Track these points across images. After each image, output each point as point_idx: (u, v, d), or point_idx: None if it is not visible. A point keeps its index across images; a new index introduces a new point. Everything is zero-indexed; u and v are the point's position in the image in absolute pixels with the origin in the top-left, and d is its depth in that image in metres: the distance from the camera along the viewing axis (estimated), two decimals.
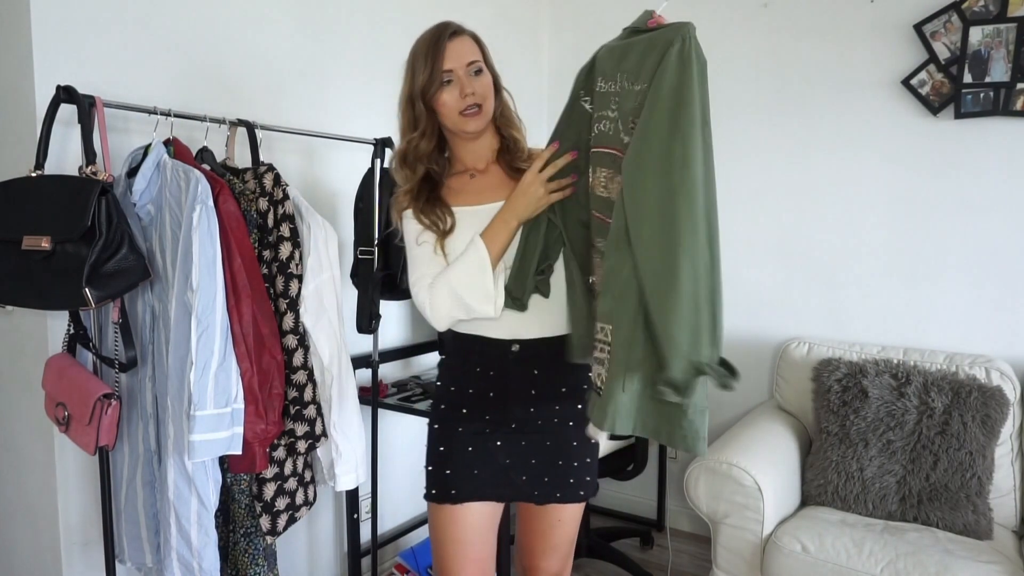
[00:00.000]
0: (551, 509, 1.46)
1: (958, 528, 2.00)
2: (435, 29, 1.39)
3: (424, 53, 1.36)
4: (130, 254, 1.41)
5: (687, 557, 2.74)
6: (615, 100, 1.16)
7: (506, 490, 1.44)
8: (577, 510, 1.50)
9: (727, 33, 2.76)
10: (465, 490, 1.42)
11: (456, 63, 1.35)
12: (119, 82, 1.68)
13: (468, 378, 1.44)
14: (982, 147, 2.32)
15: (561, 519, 1.47)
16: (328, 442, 1.71)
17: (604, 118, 1.19)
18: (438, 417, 1.48)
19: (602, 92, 1.20)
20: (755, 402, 2.76)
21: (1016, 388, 2.16)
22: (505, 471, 1.42)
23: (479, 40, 1.43)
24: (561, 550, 1.52)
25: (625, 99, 1.12)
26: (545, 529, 1.49)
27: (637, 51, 1.09)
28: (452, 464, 1.42)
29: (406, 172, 1.42)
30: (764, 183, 2.72)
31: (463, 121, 1.37)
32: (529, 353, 1.40)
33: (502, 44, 2.96)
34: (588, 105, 1.26)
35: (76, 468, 1.69)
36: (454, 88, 1.35)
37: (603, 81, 1.20)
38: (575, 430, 1.43)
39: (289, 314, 1.63)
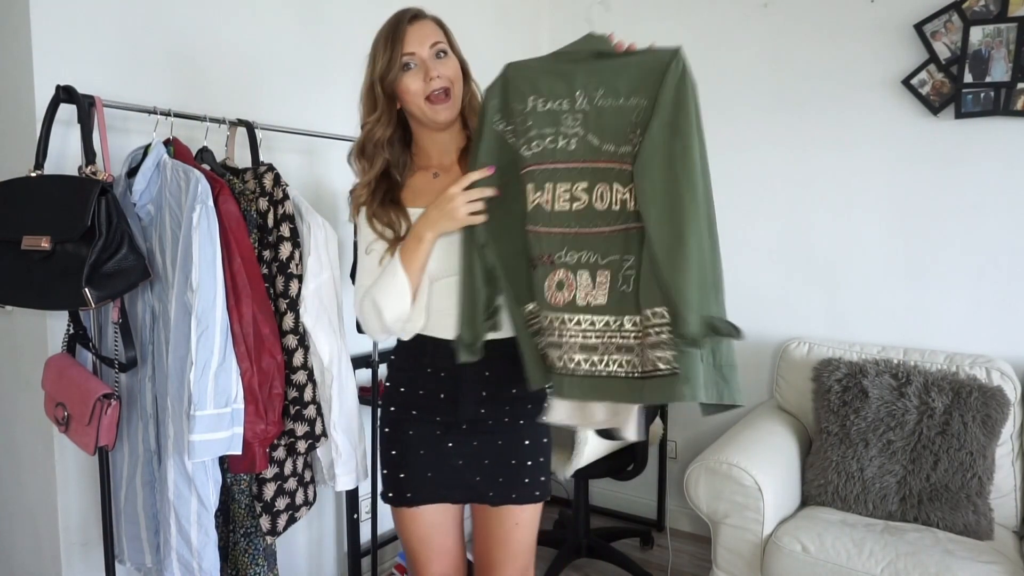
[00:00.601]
0: (507, 512, 1.42)
1: (958, 528, 2.00)
2: (396, 14, 1.34)
3: (385, 37, 1.32)
4: (130, 254, 1.41)
5: (687, 557, 2.74)
6: (576, 116, 1.21)
7: (461, 491, 1.43)
8: (534, 513, 1.46)
9: (727, 33, 2.76)
10: (421, 493, 1.42)
11: (418, 46, 1.30)
12: (119, 82, 1.68)
13: (418, 379, 1.42)
14: (982, 147, 2.32)
15: (518, 522, 1.43)
16: (328, 442, 1.71)
17: (560, 134, 1.22)
18: (388, 420, 1.46)
19: (544, 111, 1.23)
20: (755, 402, 2.76)
21: (1016, 388, 2.15)
22: (459, 472, 1.41)
23: (443, 24, 1.38)
24: (520, 560, 1.46)
25: (610, 114, 1.19)
26: (503, 535, 1.43)
27: (632, 70, 1.18)
28: (406, 468, 1.42)
29: (363, 164, 1.38)
30: (764, 183, 2.72)
31: (432, 109, 1.32)
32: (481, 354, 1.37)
33: (502, 44, 2.98)
34: (504, 126, 1.27)
35: (76, 468, 1.69)
36: (418, 72, 1.30)
37: (543, 100, 1.22)
38: (526, 429, 1.42)
39: (289, 314, 1.63)
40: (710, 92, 2.81)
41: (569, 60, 1.22)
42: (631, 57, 1.19)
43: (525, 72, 1.25)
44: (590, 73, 1.20)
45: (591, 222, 1.22)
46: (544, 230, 1.24)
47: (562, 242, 1.23)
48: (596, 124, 1.20)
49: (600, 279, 1.23)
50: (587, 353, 1.23)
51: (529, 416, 1.42)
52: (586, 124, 1.21)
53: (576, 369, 1.24)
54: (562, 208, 1.23)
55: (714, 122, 2.81)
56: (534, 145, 1.24)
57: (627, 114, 1.18)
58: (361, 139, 1.39)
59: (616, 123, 1.19)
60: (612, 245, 1.22)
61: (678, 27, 2.87)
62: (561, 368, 1.25)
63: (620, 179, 1.20)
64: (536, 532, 1.48)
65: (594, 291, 1.23)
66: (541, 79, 1.23)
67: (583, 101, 1.20)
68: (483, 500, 1.43)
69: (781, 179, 2.68)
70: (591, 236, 1.22)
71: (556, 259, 1.24)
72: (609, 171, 1.21)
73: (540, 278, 1.25)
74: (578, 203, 1.22)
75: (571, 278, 1.23)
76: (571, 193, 1.22)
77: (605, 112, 1.19)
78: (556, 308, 1.24)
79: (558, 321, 1.25)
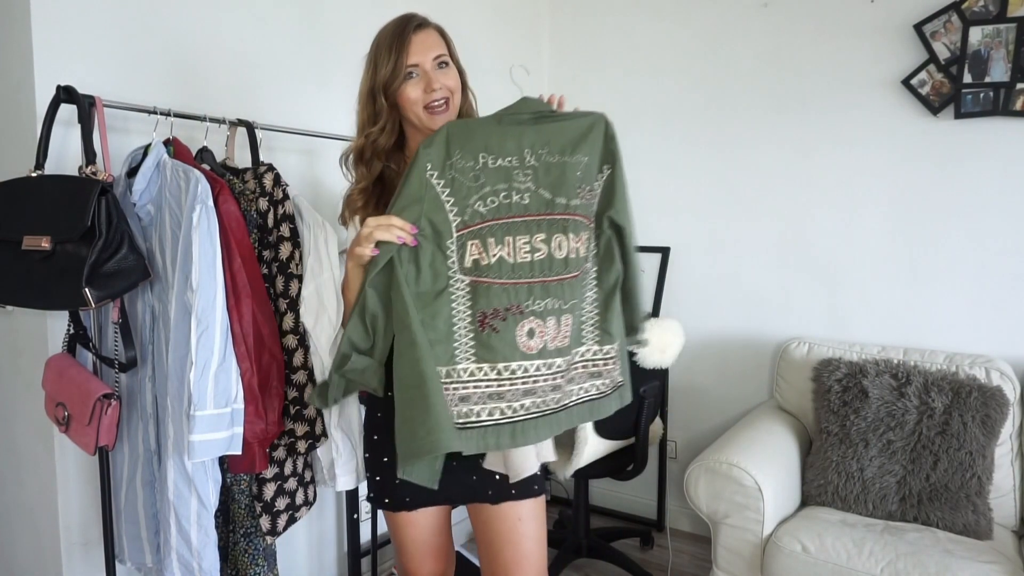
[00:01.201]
0: (508, 508, 1.40)
1: (958, 528, 2.00)
2: (399, 20, 1.35)
3: (388, 45, 1.32)
4: (130, 254, 1.41)
5: (687, 557, 2.74)
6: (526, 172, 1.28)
7: (459, 492, 1.42)
8: (537, 508, 1.44)
9: (727, 33, 2.76)
10: (419, 497, 1.41)
11: (422, 56, 1.32)
12: (119, 82, 1.68)
13: None
14: (982, 147, 2.32)
15: (521, 517, 1.41)
16: (328, 442, 1.71)
17: (513, 189, 1.28)
18: (376, 426, 1.45)
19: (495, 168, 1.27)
20: (755, 402, 2.76)
21: (1016, 388, 2.16)
22: (454, 473, 1.40)
23: (445, 33, 1.39)
24: (533, 561, 1.40)
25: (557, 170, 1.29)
26: (509, 531, 1.41)
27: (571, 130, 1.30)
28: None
29: (362, 170, 1.39)
30: (764, 182, 2.72)
31: (429, 118, 1.34)
32: None
33: (502, 44, 2.98)
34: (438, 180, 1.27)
35: (76, 468, 1.69)
36: (419, 82, 1.32)
37: (493, 157, 1.27)
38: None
39: (289, 314, 1.63)
40: (710, 92, 2.84)
41: (513, 121, 1.29)
42: (568, 120, 1.31)
43: (471, 131, 1.28)
44: (535, 132, 1.28)
45: (552, 270, 1.30)
46: (511, 282, 1.28)
47: (529, 291, 1.28)
48: (545, 179, 1.29)
49: (564, 323, 1.31)
50: (555, 392, 1.31)
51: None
52: (536, 179, 1.28)
53: (547, 409, 1.31)
54: (524, 259, 1.29)
55: (714, 122, 2.85)
56: (489, 201, 1.28)
57: (572, 169, 1.29)
58: (360, 145, 1.39)
59: (563, 178, 1.29)
60: (571, 290, 1.31)
61: (678, 27, 2.87)
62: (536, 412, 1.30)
63: (573, 229, 1.30)
64: (544, 533, 1.45)
65: (559, 335, 1.30)
66: (491, 138, 1.28)
67: (531, 158, 1.28)
68: (483, 499, 1.42)
69: (781, 179, 2.68)
70: (554, 284, 1.30)
71: (525, 308, 1.28)
72: (564, 222, 1.30)
73: (510, 328, 1.27)
74: (539, 253, 1.29)
75: (541, 325, 1.29)
76: (531, 244, 1.29)
77: (553, 168, 1.29)
78: (529, 356, 1.28)
79: (533, 368, 1.29)
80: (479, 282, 1.27)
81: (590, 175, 1.31)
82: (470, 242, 1.27)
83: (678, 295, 2.92)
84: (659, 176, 2.93)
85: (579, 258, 1.31)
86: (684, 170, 2.89)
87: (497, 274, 1.28)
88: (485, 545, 1.45)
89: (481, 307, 1.27)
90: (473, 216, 1.27)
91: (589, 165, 1.31)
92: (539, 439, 1.31)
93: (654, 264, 2.92)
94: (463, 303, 1.28)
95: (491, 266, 1.28)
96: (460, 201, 1.27)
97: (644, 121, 2.96)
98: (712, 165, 2.83)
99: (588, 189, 1.31)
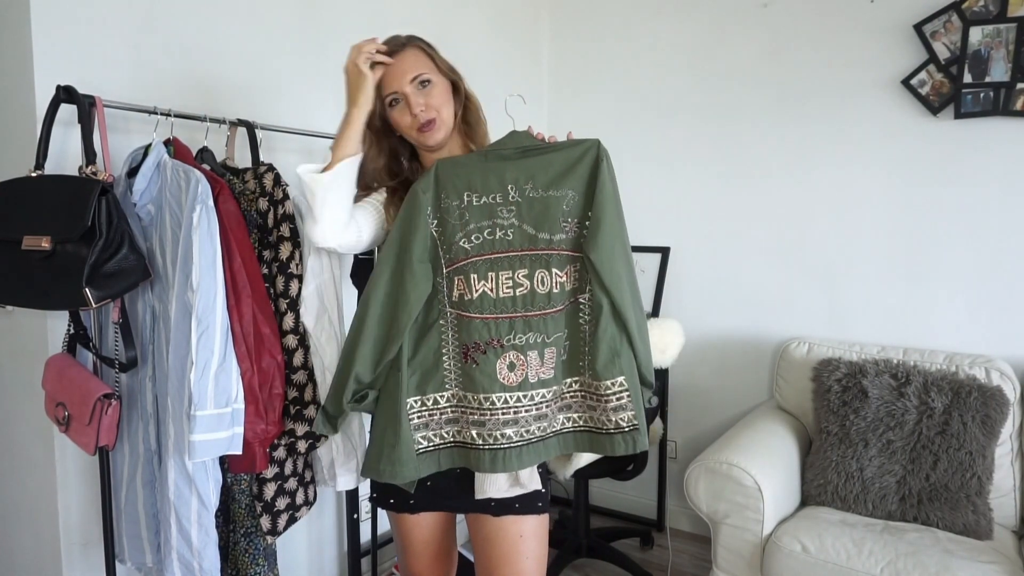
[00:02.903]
0: (510, 522, 1.39)
1: (958, 528, 2.00)
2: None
3: None
4: (130, 254, 1.41)
5: (687, 557, 2.74)
6: (510, 208, 1.30)
7: (461, 501, 1.42)
8: (539, 526, 1.42)
9: (727, 33, 2.76)
10: (423, 501, 1.42)
11: (399, 83, 1.35)
12: (119, 82, 1.68)
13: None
14: (982, 147, 2.32)
15: (523, 534, 1.39)
16: (328, 442, 1.71)
17: (497, 226, 1.31)
18: None
19: (479, 205, 1.31)
20: (755, 402, 2.76)
21: (1016, 388, 2.16)
22: (458, 482, 1.40)
23: (425, 47, 1.40)
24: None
25: (541, 205, 1.30)
26: (509, 549, 1.39)
27: (557, 164, 1.31)
28: None
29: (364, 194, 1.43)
30: (764, 182, 2.72)
31: (422, 136, 1.37)
32: None
33: (502, 44, 2.98)
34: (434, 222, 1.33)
35: (76, 468, 1.69)
36: (404, 108, 1.35)
37: (477, 195, 1.31)
38: None
39: (289, 314, 1.63)
40: (710, 91, 2.85)
41: (498, 158, 1.32)
42: (555, 152, 1.32)
43: (457, 170, 1.32)
44: (519, 168, 1.31)
45: (535, 305, 1.32)
46: (492, 316, 1.31)
47: (510, 326, 1.31)
48: (529, 214, 1.31)
49: (548, 355, 1.33)
50: (539, 421, 1.34)
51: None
52: (520, 215, 1.31)
53: (531, 437, 1.33)
54: (506, 294, 1.32)
55: (714, 121, 2.85)
56: (474, 238, 1.31)
57: (557, 204, 1.31)
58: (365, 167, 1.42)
59: (547, 213, 1.31)
60: (555, 324, 1.33)
61: (678, 27, 2.87)
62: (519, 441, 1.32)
63: (557, 264, 1.32)
64: (545, 553, 1.43)
65: (543, 368, 1.33)
66: (474, 176, 1.31)
67: (515, 194, 1.31)
68: (484, 510, 1.41)
69: (781, 179, 2.68)
70: (536, 318, 1.32)
71: (506, 342, 1.31)
72: (547, 257, 1.32)
73: (491, 362, 1.31)
74: (521, 288, 1.32)
75: (522, 358, 1.31)
76: (513, 280, 1.32)
77: (536, 203, 1.31)
78: (509, 388, 1.31)
79: (513, 399, 1.31)
80: (463, 316, 1.32)
81: (576, 208, 1.32)
82: (456, 277, 1.32)
83: (678, 295, 2.92)
84: (659, 176, 2.93)
85: (564, 292, 1.33)
86: (684, 170, 2.89)
87: (479, 309, 1.32)
88: (484, 560, 1.43)
89: (464, 340, 1.32)
90: (458, 252, 1.32)
91: (575, 199, 1.31)
92: (523, 466, 1.33)
93: (654, 264, 2.92)
94: (451, 334, 1.33)
95: (473, 301, 1.31)
96: (448, 239, 1.33)
97: (644, 121, 2.96)
98: (712, 165, 2.83)
99: (576, 222, 1.32)
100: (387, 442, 1.32)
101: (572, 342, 1.35)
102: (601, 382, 1.33)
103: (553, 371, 1.34)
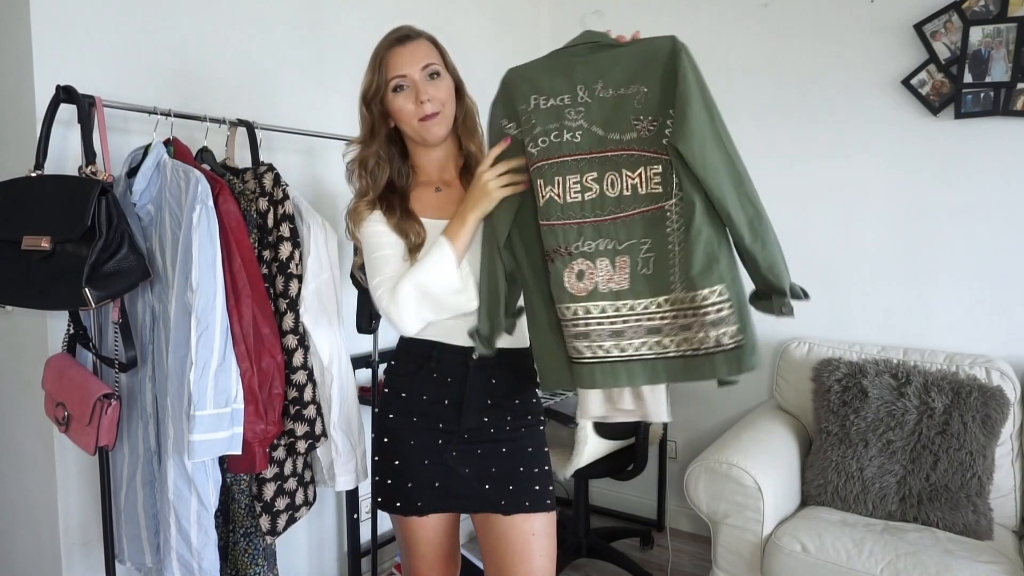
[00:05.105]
0: (521, 520, 1.38)
1: (958, 528, 2.00)
2: (388, 34, 1.37)
3: (374, 58, 1.35)
4: (130, 254, 1.41)
5: (687, 557, 2.74)
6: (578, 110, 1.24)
7: (471, 501, 1.40)
8: (550, 524, 1.41)
9: (727, 33, 2.76)
10: (430, 503, 1.40)
11: (409, 68, 1.33)
12: (119, 82, 1.69)
13: (423, 385, 1.41)
14: (982, 147, 2.32)
15: (535, 532, 1.38)
16: (328, 442, 1.71)
17: (564, 128, 1.25)
18: (386, 429, 1.44)
19: (547, 108, 1.26)
20: (755, 402, 2.76)
21: (1016, 388, 2.15)
22: (467, 481, 1.39)
23: (437, 44, 1.40)
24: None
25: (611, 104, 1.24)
26: (522, 547, 1.37)
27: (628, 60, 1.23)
28: (412, 478, 1.40)
29: (366, 181, 1.39)
30: (764, 182, 2.67)
31: (423, 128, 1.34)
32: (488, 361, 1.37)
33: (502, 44, 2.98)
34: (515, 130, 1.30)
35: (76, 468, 1.69)
36: (409, 94, 1.33)
37: (544, 97, 1.26)
38: (527, 438, 1.42)
39: (289, 314, 1.63)
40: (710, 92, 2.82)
41: (567, 56, 1.26)
42: (627, 47, 1.25)
43: (524, 73, 1.28)
44: (588, 66, 1.24)
45: (604, 210, 1.25)
46: (559, 223, 1.26)
47: (579, 232, 1.25)
48: (599, 115, 1.24)
49: (620, 264, 1.25)
50: (616, 339, 1.25)
51: (528, 426, 1.42)
52: (589, 116, 1.24)
53: (607, 356, 1.25)
54: (574, 199, 1.25)
55: None
56: (540, 142, 1.26)
57: (628, 102, 1.22)
58: (363, 157, 1.40)
59: (618, 112, 1.23)
60: (628, 230, 1.24)
61: (678, 27, 2.86)
62: (591, 357, 1.25)
63: (628, 166, 1.23)
64: (555, 551, 1.42)
65: (615, 276, 1.25)
66: (541, 78, 1.26)
67: (584, 94, 1.24)
68: (495, 509, 1.39)
69: (781, 179, 2.68)
70: (606, 224, 1.25)
71: (574, 249, 1.25)
72: (616, 159, 1.24)
73: (559, 270, 1.26)
74: (589, 193, 1.25)
75: (591, 266, 1.25)
76: (581, 184, 1.25)
77: (606, 103, 1.23)
78: (578, 298, 1.25)
79: (583, 311, 1.25)
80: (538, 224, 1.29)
81: (652, 106, 1.21)
82: None
83: None
84: None
85: (636, 195, 1.23)
86: None
87: (547, 215, 1.26)
88: (495, 559, 1.41)
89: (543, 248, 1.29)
90: (527, 158, 1.27)
91: (650, 95, 1.21)
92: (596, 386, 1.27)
93: None
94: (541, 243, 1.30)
95: (542, 208, 1.26)
96: (514, 146, 1.29)
97: None
98: None
99: (651, 120, 1.21)
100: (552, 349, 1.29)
101: (658, 255, 1.23)
102: (698, 292, 1.20)
103: (628, 282, 1.24)
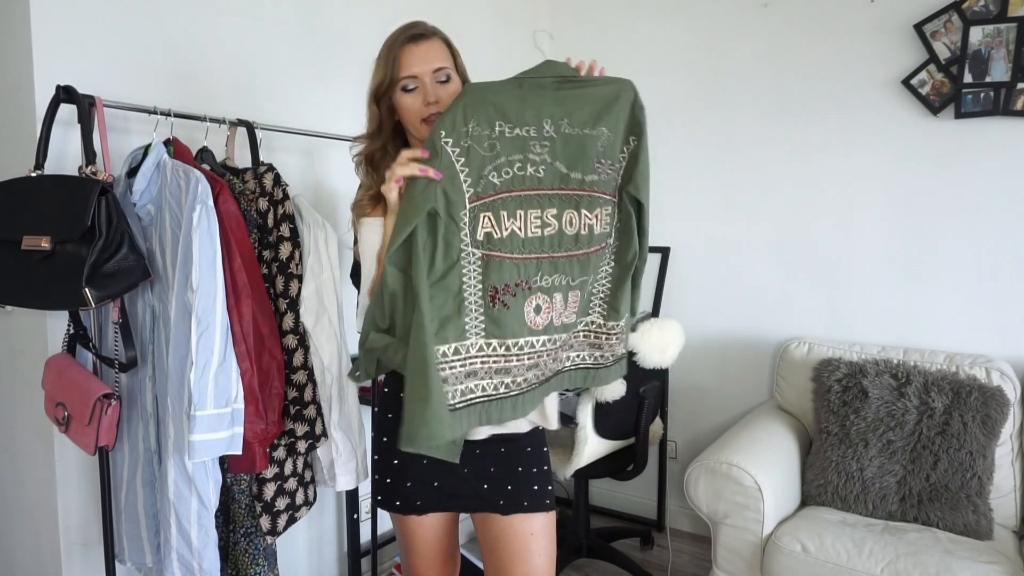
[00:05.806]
0: (520, 520, 1.38)
1: (958, 528, 2.00)
2: (400, 29, 1.34)
3: (384, 54, 1.32)
4: (130, 254, 1.41)
5: (687, 557, 2.74)
6: (543, 144, 1.23)
7: (469, 500, 1.40)
8: (549, 524, 1.41)
9: (727, 33, 2.76)
10: (430, 502, 1.40)
11: (421, 68, 1.30)
12: (119, 82, 1.69)
13: None
14: (982, 147, 2.32)
15: (534, 532, 1.38)
16: (328, 442, 1.71)
17: (528, 161, 1.23)
18: (386, 428, 1.43)
19: (511, 137, 1.22)
20: (755, 402, 2.76)
21: (1016, 388, 2.15)
22: (465, 481, 1.38)
23: (450, 44, 1.37)
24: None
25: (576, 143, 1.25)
26: (521, 547, 1.37)
27: (594, 103, 1.26)
28: (411, 477, 1.39)
29: (372, 175, 1.37)
30: (764, 182, 2.72)
31: (425, 128, 1.32)
32: None
33: (502, 44, 2.98)
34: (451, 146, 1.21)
35: (76, 468, 1.69)
36: (418, 94, 1.30)
37: (511, 126, 1.22)
38: (526, 438, 1.42)
39: (289, 314, 1.63)
40: (710, 92, 2.84)
41: (534, 86, 1.24)
42: (592, 89, 1.27)
43: (490, 97, 1.21)
44: (555, 102, 1.24)
45: (562, 247, 1.27)
46: (520, 257, 1.25)
47: (537, 267, 1.26)
48: (563, 152, 1.24)
49: (572, 299, 1.29)
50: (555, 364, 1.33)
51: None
52: (553, 152, 1.24)
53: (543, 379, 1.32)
54: (534, 235, 1.26)
55: (714, 122, 2.85)
56: (503, 173, 1.23)
57: (592, 143, 1.25)
58: (370, 152, 1.39)
59: (582, 152, 1.25)
60: (582, 267, 1.29)
61: (678, 27, 2.87)
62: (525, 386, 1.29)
63: (587, 206, 1.27)
64: (555, 551, 1.42)
65: (565, 312, 1.29)
66: (509, 105, 1.22)
67: (550, 129, 1.23)
68: (493, 509, 1.39)
69: (781, 179, 2.68)
70: (562, 260, 1.28)
71: (533, 284, 1.26)
72: (577, 198, 1.26)
73: (518, 304, 1.25)
74: (549, 228, 1.26)
75: (547, 301, 1.27)
76: (542, 220, 1.26)
77: (571, 140, 1.24)
78: (536, 332, 1.27)
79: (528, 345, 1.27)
80: (491, 256, 1.23)
81: (612, 150, 1.28)
82: (483, 214, 1.22)
83: (678, 295, 2.92)
84: (659, 176, 2.89)
85: (592, 235, 1.29)
86: (684, 170, 2.89)
87: (509, 248, 1.24)
88: (495, 558, 1.41)
89: (492, 282, 1.23)
90: (487, 187, 1.22)
91: (611, 139, 1.27)
92: (535, 406, 1.33)
93: (654, 264, 2.92)
94: (474, 277, 1.23)
95: (503, 240, 1.24)
96: (474, 171, 1.21)
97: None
98: (712, 165, 2.83)
99: (609, 164, 1.27)
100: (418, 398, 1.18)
101: (596, 285, 1.35)
102: (617, 323, 1.37)
103: (575, 316, 1.31)
